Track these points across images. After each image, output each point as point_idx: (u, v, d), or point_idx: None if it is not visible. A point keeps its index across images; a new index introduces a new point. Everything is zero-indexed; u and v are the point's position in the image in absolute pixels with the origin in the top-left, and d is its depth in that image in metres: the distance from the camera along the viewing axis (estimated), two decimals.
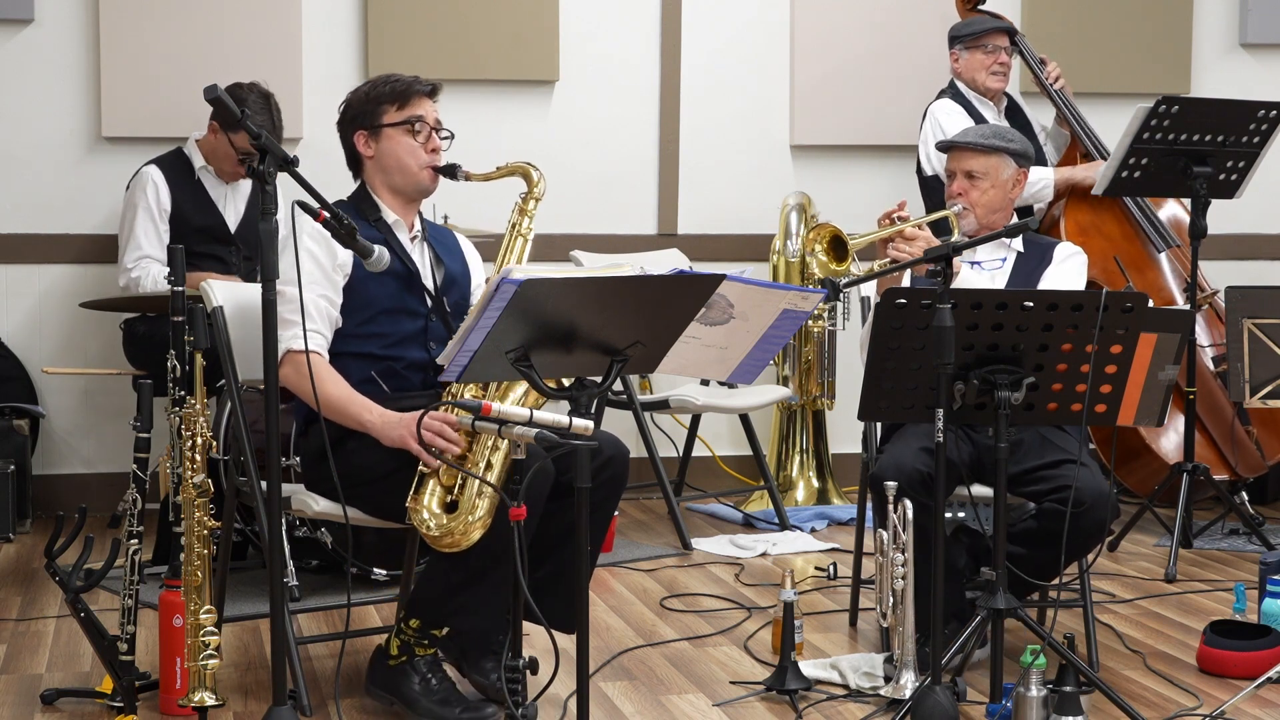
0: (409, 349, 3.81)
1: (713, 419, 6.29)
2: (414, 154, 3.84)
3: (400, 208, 3.89)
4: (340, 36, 6.12)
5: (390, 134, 3.85)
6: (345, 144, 3.92)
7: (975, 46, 5.84)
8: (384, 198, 3.89)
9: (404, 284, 3.83)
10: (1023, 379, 3.59)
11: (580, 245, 6.06)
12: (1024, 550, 3.98)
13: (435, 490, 3.55)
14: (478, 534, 3.49)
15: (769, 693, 3.89)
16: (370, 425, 3.62)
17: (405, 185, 3.87)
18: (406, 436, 3.53)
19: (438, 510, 3.53)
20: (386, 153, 3.85)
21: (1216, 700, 3.83)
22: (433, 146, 3.86)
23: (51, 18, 5.92)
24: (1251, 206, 6.23)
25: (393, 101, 3.85)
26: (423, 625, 3.67)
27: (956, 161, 4.32)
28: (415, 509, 3.54)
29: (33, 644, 4.36)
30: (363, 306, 3.79)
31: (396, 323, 3.81)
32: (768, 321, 3.82)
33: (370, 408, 3.65)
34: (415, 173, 3.85)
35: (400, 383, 3.79)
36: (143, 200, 5.45)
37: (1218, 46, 6.81)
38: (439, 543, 3.52)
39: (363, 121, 3.87)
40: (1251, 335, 4.59)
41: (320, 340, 3.73)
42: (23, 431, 5.73)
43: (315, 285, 3.72)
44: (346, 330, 3.79)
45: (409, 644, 3.68)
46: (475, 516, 3.49)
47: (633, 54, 6.38)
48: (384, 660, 3.72)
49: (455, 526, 3.49)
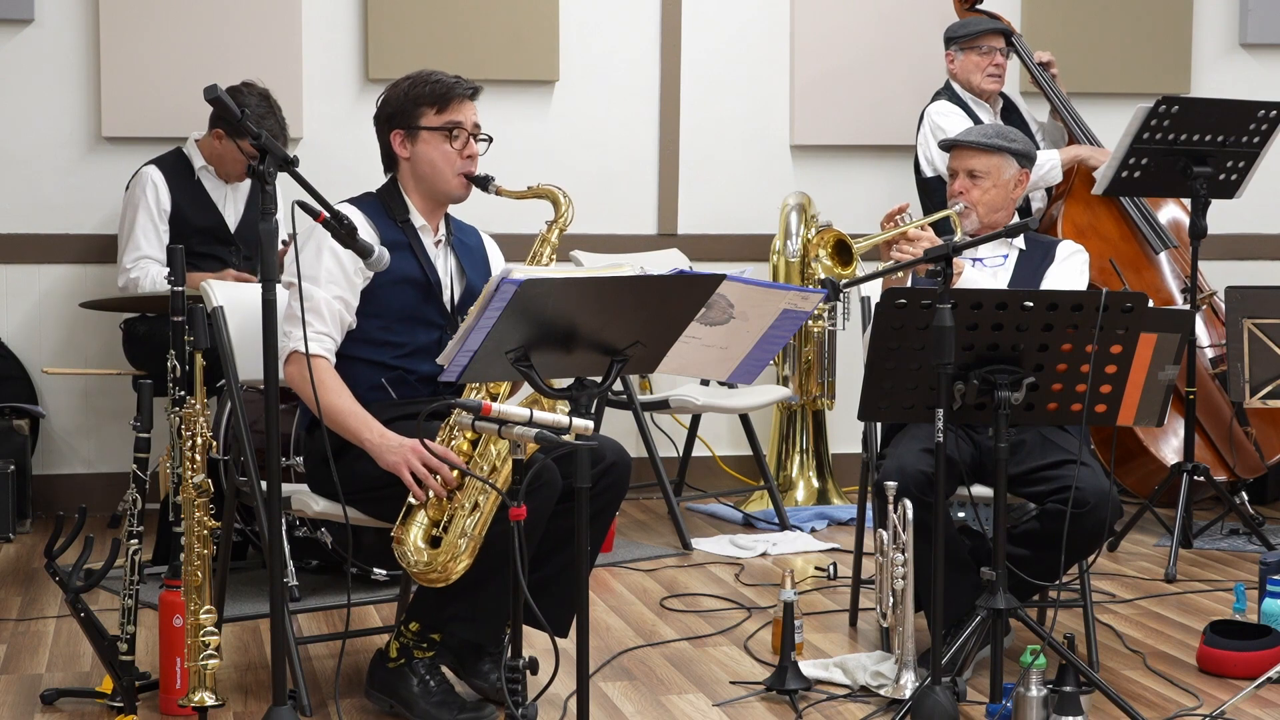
0: (421, 362, 3.79)
1: (713, 419, 6.29)
2: (450, 161, 3.79)
3: (428, 211, 3.86)
4: (340, 36, 6.12)
5: (427, 137, 3.80)
6: (381, 140, 3.86)
7: (970, 48, 5.84)
8: (414, 199, 3.85)
9: (423, 293, 3.80)
10: (1023, 379, 3.59)
11: (580, 245, 6.06)
12: (1026, 551, 3.97)
13: (422, 523, 3.54)
14: (464, 565, 3.48)
15: (769, 693, 3.89)
16: (369, 445, 3.60)
17: (436, 190, 3.84)
18: (400, 465, 3.52)
19: (421, 545, 3.52)
20: (421, 157, 3.81)
21: (1216, 700, 3.83)
22: (469, 153, 3.81)
23: (51, 18, 5.92)
24: (1251, 206, 6.23)
25: (432, 104, 3.79)
26: (422, 629, 3.67)
27: (959, 160, 4.32)
28: (401, 539, 3.53)
29: (33, 644, 4.36)
30: (380, 312, 3.77)
31: (411, 332, 3.79)
32: (768, 321, 3.82)
33: (370, 425, 3.61)
34: (449, 179, 3.81)
35: (409, 391, 3.78)
36: (142, 201, 5.45)
37: (1218, 46, 6.81)
38: (422, 578, 3.51)
39: (400, 121, 3.81)
40: (1251, 335, 4.58)
41: (329, 343, 3.71)
42: (23, 431, 5.73)
43: (334, 285, 3.70)
44: (360, 335, 3.77)
45: (408, 646, 3.68)
46: (460, 550, 3.48)
47: (633, 54, 6.38)
48: (383, 663, 3.72)
49: (437, 563, 3.49)
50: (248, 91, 5.29)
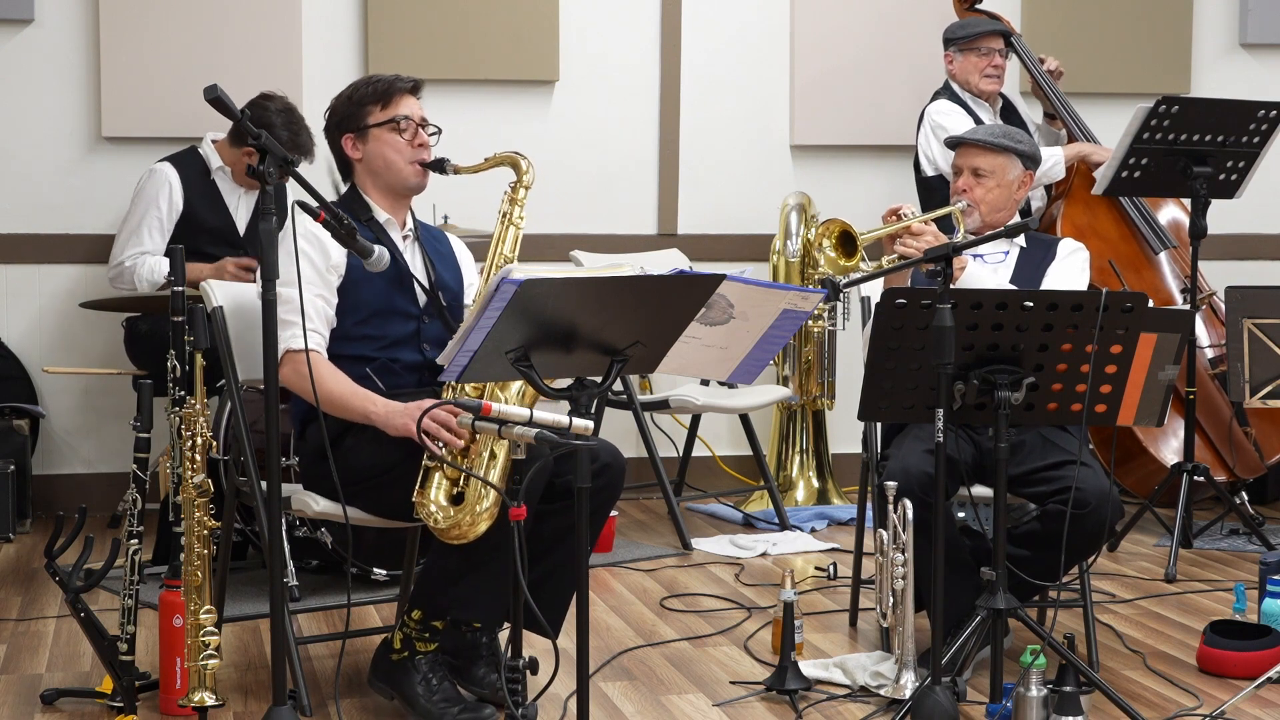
0: (402, 351, 3.82)
1: (713, 419, 6.29)
2: (400, 151, 3.85)
3: (391, 207, 3.90)
4: (340, 36, 6.12)
5: (376, 134, 3.86)
6: (334, 149, 3.94)
7: (970, 49, 5.84)
8: (374, 198, 3.89)
9: (395, 284, 3.84)
10: (1023, 379, 3.59)
11: (580, 245, 6.06)
12: (1027, 552, 3.97)
13: (441, 484, 3.56)
14: (485, 525, 3.50)
15: (769, 693, 3.89)
16: (374, 416, 3.63)
17: (394, 183, 3.88)
18: (411, 425, 3.53)
19: (445, 503, 3.54)
20: (374, 153, 3.87)
21: (1216, 700, 3.83)
22: (420, 142, 3.87)
23: (51, 18, 5.92)
24: (1251, 206, 6.23)
25: (376, 102, 3.87)
26: (424, 617, 3.68)
27: (964, 158, 4.32)
28: (422, 503, 3.55)
29: (33, 644, 4.36)
30: (356, 308, 3.80)
31: (388, 325, 3.82)
32: (768, 321, 3.82)
33: (374, 400, 3.65)
34: (403, 169, 3.86)
35: (396, 380, 3.81)
36: (154, 199, 5.45)
37: (1218, 46, 6.81)
38: (446, 535, 3.53)
39: (348, 125, 3.88)
40: (1251, 335, 4.58)
41: (319, 339, 3.74)
42: (23, 431, 5.73)
43: (311, 286, 3.72)
44: (340, 332, 3.80)
45: (411, 638, 3.69)
46: (482, 508, 3.50)
47: (633, 54, 6.38)
48: (387, 654, 3.73)
49: (462, 519, 3.50)
50: (271, 107, 5.26)
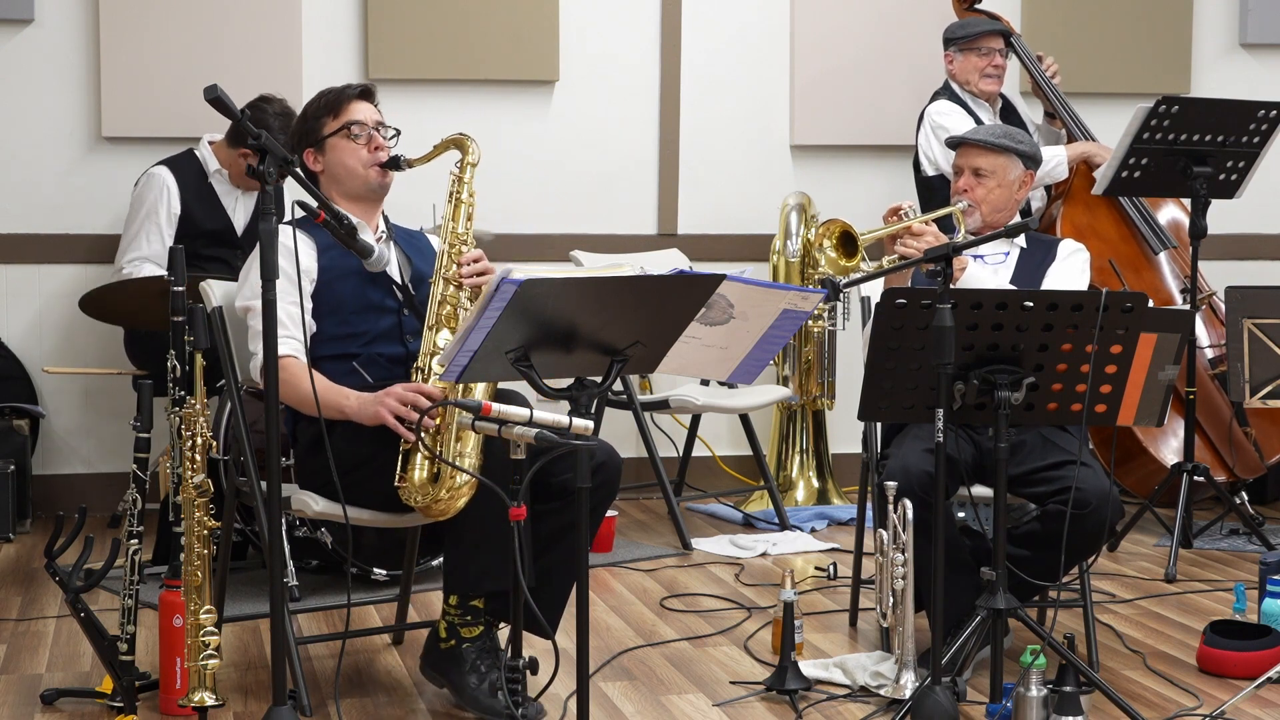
0: (385, 345, 3.87)
1: (713, 419, 6.29)
2: (357, 156, 3.91)
3: (361, 211, 3.94)
4: (340, 36, 6.12)
5: (333, 144, 3.92)
6: (301, 168, 3.97)
7: (970, 49, 5.84)
8: (343, 205, 3.92)
9: (370, 281, 3.87)
10: (1023, 379, 3.59)
11: (580, 245, 6.06)
12: (1028, 553, 3.97)
13: (422, 465, 3.63)
14: (464, 499, 3.57)
15: (769, 693, 3.89)
16: (349, 410, 3.68)
17: (357, 188, 3.93)
18: (382, 412, 3.59)
19: (424, 480, 3.61)
20: (333, 162, 3.93)
21: (1216, 700, 3.83)
22: (375, 145, 3.92)
23: (51, 18, 5.92)
24: (1251, 206, 6.23)
25: (328, 112, 3.95)
26: (461, 599, 3.71)
27: (965, 158, 4.32)
28: (405, 486, 3.62)
29: (33, 644, 4.36)
30: (335, 308, 3.84)
31: (369, 321, 3.86)
32: (768, 321, 3.82)
33: (347, 394, 3.71)
34: (362, 173, 3.91)
35: (382, 372, 3.84)
36: (152, 204, 5.45)
37: (1218, 46, 6.81)
38: (430, 512, 3.61)
39: (307, 140, 3.96)
40: (1251, 335, 4.58)
41: (294, 344, 3.75)
42: (23, 431, 5.73)
43: (283, 294, 3.72)
44: (323, 334, 3.83)
45: (454, 624, 3.73)
46: (459, 481, 3.56)
47: (633, 54, 6.38)
48: (436, 643, 3.78)
49: (441, 494, 3.58)
50: (269, 110, 5.27)
